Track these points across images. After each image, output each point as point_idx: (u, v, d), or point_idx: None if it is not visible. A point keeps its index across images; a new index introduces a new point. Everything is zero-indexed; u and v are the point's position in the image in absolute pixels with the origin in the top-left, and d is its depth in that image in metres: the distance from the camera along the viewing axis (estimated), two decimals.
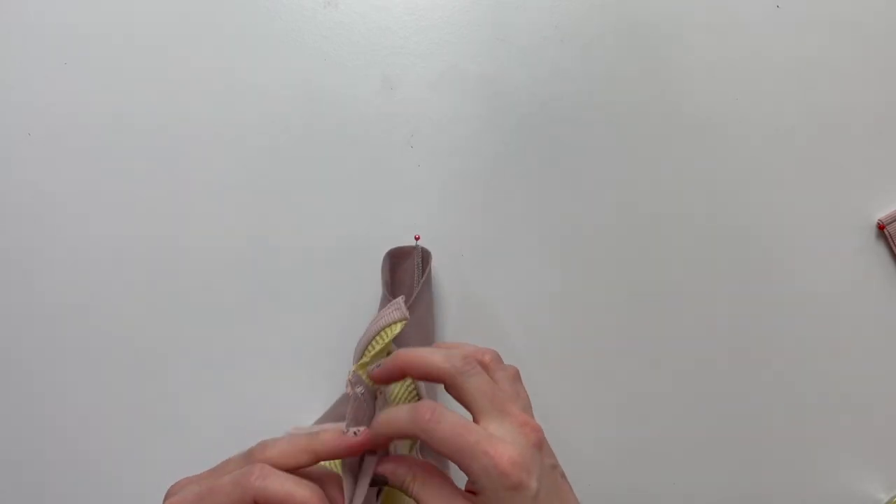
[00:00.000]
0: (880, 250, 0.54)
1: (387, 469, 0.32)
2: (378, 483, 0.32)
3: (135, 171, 0.54)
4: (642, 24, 0.55)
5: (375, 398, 0.33)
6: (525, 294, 0.53)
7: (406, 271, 0.50)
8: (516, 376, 0.35)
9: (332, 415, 0.45)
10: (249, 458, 0.30)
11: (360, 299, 0.52)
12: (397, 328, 0.33)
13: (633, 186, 0.54)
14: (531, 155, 0.54)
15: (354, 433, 0.31)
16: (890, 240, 0.54)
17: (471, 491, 0.31)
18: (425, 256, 0.49)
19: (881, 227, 0.54)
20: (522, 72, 0.55)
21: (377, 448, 0.32)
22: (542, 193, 0.54)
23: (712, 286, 0.54)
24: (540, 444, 0.33)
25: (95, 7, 0.55)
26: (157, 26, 0.55)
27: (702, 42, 0.55)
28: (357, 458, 0.32)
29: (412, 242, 0.49)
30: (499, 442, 0.31)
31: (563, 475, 0.34)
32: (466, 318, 0.52)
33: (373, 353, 0.33)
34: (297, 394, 0.52)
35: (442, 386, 0.32)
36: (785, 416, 0.53)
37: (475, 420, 0.31)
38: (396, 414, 0.32)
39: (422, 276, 0.48)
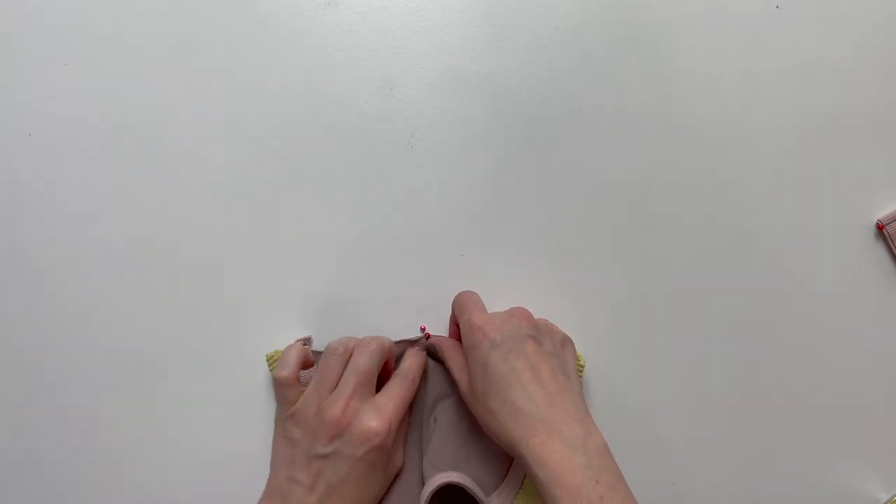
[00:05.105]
0: (880, 250, 0.55)
1: (433, 341, 0.50)
2: (429, 352, 0.51)
3: (135, 171, 0.54)
4: (642, 25, 0.55)
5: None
6: (525, 294, 0.53)
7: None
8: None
9: None
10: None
11: (360, 298, 0.53)
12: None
13: (633, 187, 0.54)
14: (531, 155, 0.54)
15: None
16: (889, 240, 0.54)
17: None
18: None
19: (881, 227, 0.54)
20: (522, 72, 0.55)
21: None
22: (542, 194, 0.54)
23: (710, 285, 0.54)
24: (515, 315, 0.45)
25: (96, 7, 0.55)
26: (158, 26, 0.55)
27: (702, 42, 0.55)
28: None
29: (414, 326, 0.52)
30: (482, 314, 0.46)
31: (549, 353, 0.45)
32: None
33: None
34: None
35: None
36: (784, 416, 0.53)
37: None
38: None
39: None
